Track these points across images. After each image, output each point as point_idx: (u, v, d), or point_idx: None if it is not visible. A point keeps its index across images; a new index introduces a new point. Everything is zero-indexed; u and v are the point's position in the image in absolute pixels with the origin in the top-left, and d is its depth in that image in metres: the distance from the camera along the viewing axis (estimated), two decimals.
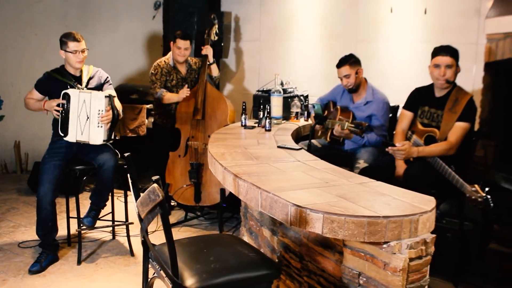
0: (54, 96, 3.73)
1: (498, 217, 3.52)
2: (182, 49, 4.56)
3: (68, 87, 3.73)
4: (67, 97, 3.66)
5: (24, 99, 3.86)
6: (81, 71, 3.83)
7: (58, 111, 3.67)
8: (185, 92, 4.46)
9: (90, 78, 3.85)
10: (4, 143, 6.23)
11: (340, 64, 3.91)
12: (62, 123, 3.70)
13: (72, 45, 3.69)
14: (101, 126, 3.66)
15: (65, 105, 3.66)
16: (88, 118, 3.65)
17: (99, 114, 3.64)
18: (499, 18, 3.82)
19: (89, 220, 3.76)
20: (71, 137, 3.70)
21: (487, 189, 2.91)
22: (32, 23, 6.13)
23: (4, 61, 6.11)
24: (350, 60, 3.88)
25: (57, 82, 3.75)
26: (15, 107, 6.03)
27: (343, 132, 3.72)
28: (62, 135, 3.70)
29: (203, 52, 4.67)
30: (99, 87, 3.86)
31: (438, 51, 3.37)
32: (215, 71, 4.78)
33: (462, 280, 3.42)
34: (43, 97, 3.84)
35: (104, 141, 3.69)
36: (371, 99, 3.93)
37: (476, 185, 2.96)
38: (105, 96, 3.65)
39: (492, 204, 2.86)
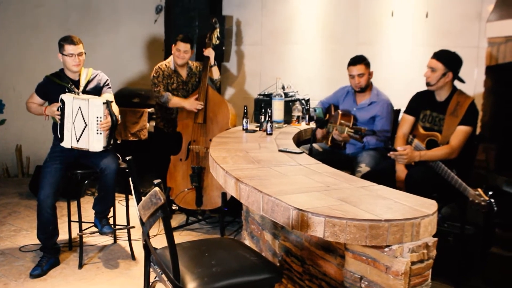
0: (53, 100, 3.72)
1: (500, 220, 3.52)
2: (181, 51, 4.57)
3: (66, 91, 3.73)
4: (62, 102, 3.65)
5: (26, 103, 3.85)
6: (80, 74, 3.83)
7: (57, 115, 3.67)
8: (197, 105, 4.47)
9: (89, 82, 3.83)
10: (5, 146, 6.24)
11: (356, 62, 3.90)
12: (60, 128, 3.70)
13: (68, 48, 3.67)
14: (101, 133, 3.64)
15: (61, 111, 3.65)
16: (86, 125, 3.63)
17: (97, 121, 3.62)
18: (500, 22, 3.83)
19: (107, 227, 3.81)
20: (66, 143, 3.68)
21: (490, 193, 2.91)
22: (34, 26, 6.15)
23: (5, 64, 6.13)
24: (365, 60, 3.92)
25: (55, 86, 3.75)
26: (17, 111, 6.03)
27: (341, 135, 3.72)
28: (60, 139, 3.70)
29: (205, 53, 4.67)
30: (98, 90, 3.84)
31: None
32: (216, 73, 4.79)
33: (464, 284, 3.41)
34: (44, 101, 3.83)
35: (104, 147, 3.68)
36: (375, 100, 3.95)
37: (479, 189, 2.95)
38: (103, 103, 3.63)
39: (495, 208, 2.85)
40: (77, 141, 3.66)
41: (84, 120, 3.63)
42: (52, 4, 6.19)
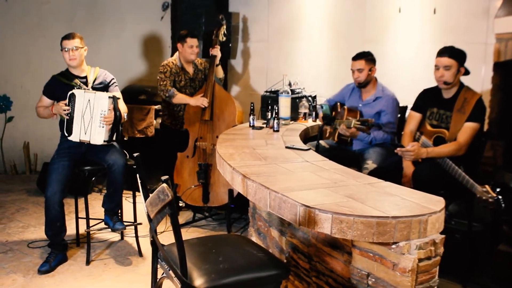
0: (61, 99, 3.75)
1: (507, 218, 3.50)
2: (194, 47, 4.59)
3: (75, 89, 3.75)
4: (72, 97, 3.68)
5: (35, 109, 3.89)
6: (86, 72, 3.85)
7: (66, 111, 3.69)
8: (203, 102, 4.46)
9: (95, 80, 3.87)
10: (13, 143, 6.28)
11: (356, 57, 3.94)
12: (67, 123, 3.72)
13: (64, 43, 3.73)
14: (103, 127, 3.67)
15: (71, 105, 3.68)
16: (91, 117, 3.68)
17: (101, 114, 3.66)
18: (508, 17, 3.80)
19: (119, 223, 3.82)
20: (74, 137, 3.72)
21: (498, 189, 2.89)
22: (40, 24, 6.17)
23: (13, 62, 6.17)
24: (367, 56, 3.93)
25: (63, 86, 3.77)
26: (24, 108, 6.07)
27: (349, 130, 3.73)
28: (67, 135, 3.72)
29: (213, 53, 4.67)
30: (105, 88, 3.88)
31: (438, 52, 3.38)
32: (220, 73, 4.79)
33: (471, 281, 3.40)
34: (52, 102, 3.85)
35: (104, 141, 3.70)
36: (380, 95, 3.96)
37: (487, 186, 2.94)
38: (109, 97, 3.67)
39: (503, 205, 2.84)
40: (85, 133, 3.70)
41: (91, 113, 3.67)
42: (58, 2, 6.21)
